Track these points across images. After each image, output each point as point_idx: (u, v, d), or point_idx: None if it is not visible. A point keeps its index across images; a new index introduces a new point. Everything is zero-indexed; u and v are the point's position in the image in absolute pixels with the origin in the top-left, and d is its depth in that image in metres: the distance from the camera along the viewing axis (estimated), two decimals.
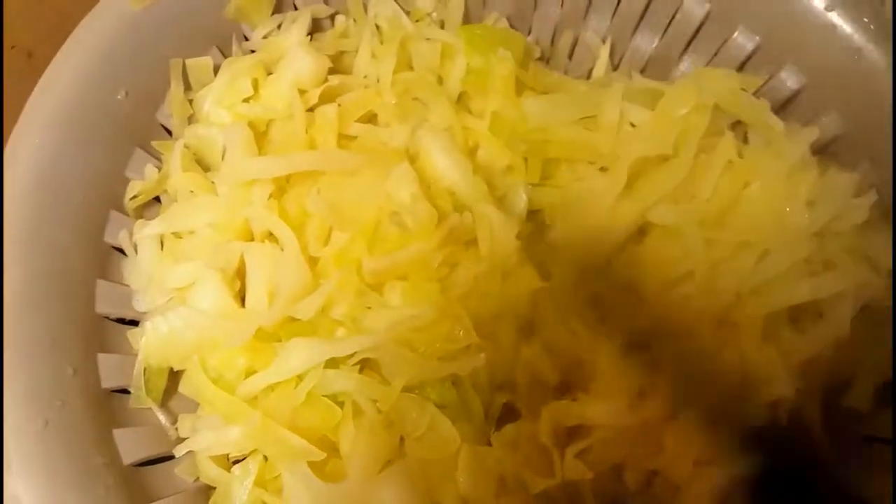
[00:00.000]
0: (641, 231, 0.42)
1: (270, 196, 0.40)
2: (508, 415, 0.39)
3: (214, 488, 0.37)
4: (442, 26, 0.49)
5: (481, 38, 0.46)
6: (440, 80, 0.47)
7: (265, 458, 0.36)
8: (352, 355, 0.36)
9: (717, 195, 0.41)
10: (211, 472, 0.37)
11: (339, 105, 0.44)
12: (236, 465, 0.36)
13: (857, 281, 0.39)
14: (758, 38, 0.45)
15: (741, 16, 0.45)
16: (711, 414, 0.37)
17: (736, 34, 0.46)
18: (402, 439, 0.37)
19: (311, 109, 0.43)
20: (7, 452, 0.31)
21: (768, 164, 0.41)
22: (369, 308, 0.40)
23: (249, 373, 0.38)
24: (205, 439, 0.36)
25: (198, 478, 0.37)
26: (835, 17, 0.42)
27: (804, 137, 0.41)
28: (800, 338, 0.40)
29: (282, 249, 0.39)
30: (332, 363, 0.36)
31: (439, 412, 0.37)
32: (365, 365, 0.37)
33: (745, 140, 0.44)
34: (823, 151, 0.43)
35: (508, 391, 0.40)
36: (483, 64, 0.46)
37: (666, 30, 0.49)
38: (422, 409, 0.37)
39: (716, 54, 0.47)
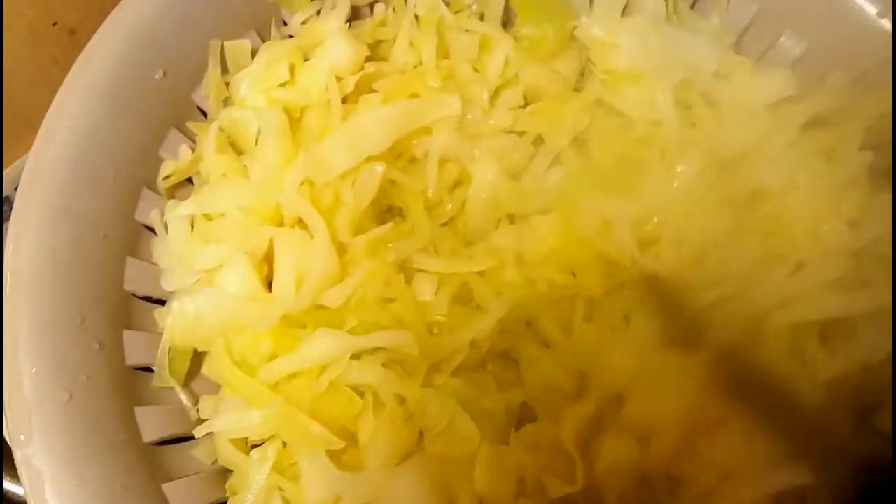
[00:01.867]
0: None
1: (302, 182, 0.40)
2: (528, 414, 0.39)
3: (231, 471, 0.37)
4: (481, 19, 0.49)
5: (534, 6, 0.46)
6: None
7: (284, 444, 0.36)
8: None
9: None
10: (229, 455, 0.37)
11: (378, 91, 0.43)
12: (255, 450, 0.36)
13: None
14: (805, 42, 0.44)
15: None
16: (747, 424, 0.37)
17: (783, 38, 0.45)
18: (421, 434, 0.37)
19: (345, 98, 0.43)
20: (30, 424, 0.31)
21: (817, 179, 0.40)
22: (394, 300, 0.40)
23: (272, 358, 0.38)
24: (225, 421, 0.36)
25: (216, 460, 0.38)
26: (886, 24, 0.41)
27: (860, 157, 0.40)
28: (828, 355, 0.38)
29: (311, 236, 0.39)
30: (356, 354, 0.36)
31: (460, 408, 0.36)
32: (389, 356, 0.37)
33: None
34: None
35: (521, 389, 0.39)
36: (535, 32, 0.46)
37: None
38: (443, 404, 0.37)
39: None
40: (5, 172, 0.56)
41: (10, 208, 0.58)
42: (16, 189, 0.58)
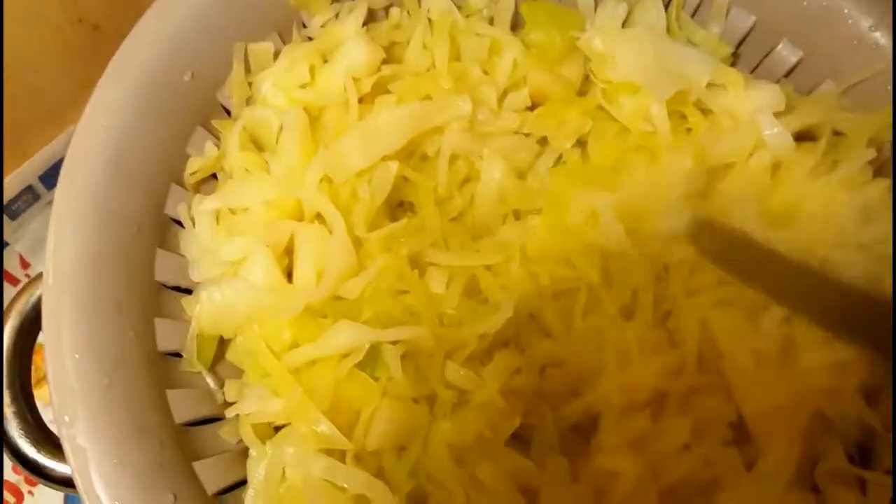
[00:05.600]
0: None
1: (322, 179, 0.43)
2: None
3: None
4: (491, 23, 0.51)
5: (542, 14, 0.49)
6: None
7: None
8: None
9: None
10: (249, 438, 0.39)
11: (393, 92, 0.46)
12: (279, 432, 0.39)
13: None
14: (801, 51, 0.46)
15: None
16: None
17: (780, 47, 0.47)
18: None
19: (361, 98, 0.46)
20: (74, 406, 0.34)
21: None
22: (407, 292, 0.42)
23: (293, 345, 0.40)
24: (250, 406, 0.38)
25: (240, 440, 0.40)
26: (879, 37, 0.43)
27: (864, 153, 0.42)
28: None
29: (330, 231, 0.42)
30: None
31: None
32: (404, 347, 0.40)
33: None
34: None
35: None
36: (543, 38, 0.48)
37: None
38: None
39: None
40: (28, 162, 0.58)
41: (33, 196, 0.61)
42: (39, 178, 0.60)
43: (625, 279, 0.43)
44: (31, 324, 0.40)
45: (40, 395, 0.48)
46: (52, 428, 0.38)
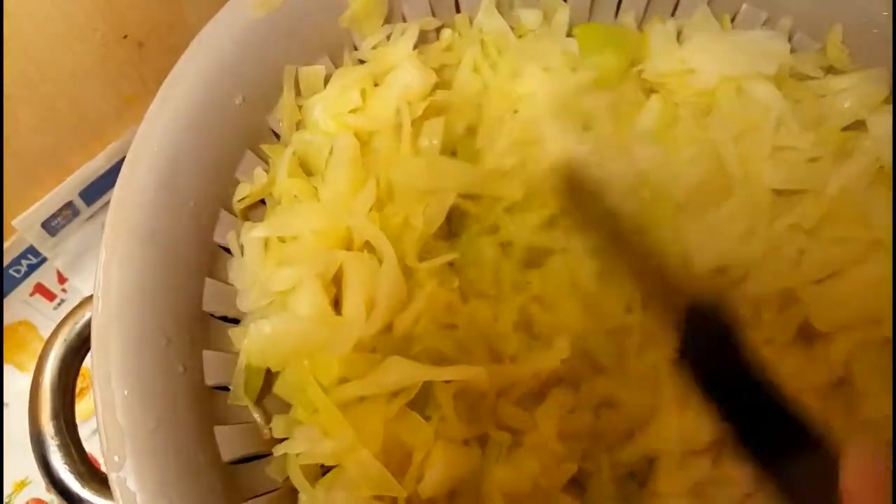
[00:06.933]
0: None
1: (371, 209, 0.41)
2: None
3: None
4: None
5: (597, 36, 0.48)
6: None
7: None
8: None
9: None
10: (297, 479, 0.38)
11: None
12: (326, 473, 0.38)
13: None
14: None
15: None
16: None
17: None
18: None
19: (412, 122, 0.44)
20: (123, 447, 0.33)
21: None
22: (457, 326, 0.41)
23: (342, 380, 0.39)
24: (299, 446, 0.37)
25: (287, 478, 0.39)
26: None
27: None
28: None
29: (380, 261, 0.40)
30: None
31: None
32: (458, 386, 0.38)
33: None
34: None
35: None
36: (600, 59, 0.47)
37: None
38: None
39: None
40: (70, 178, 0.58)
41: (73, 212, 0.60)
42: (79, 194, 0.60)
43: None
44: (76, 351, 0.39)
45: (82, 412, 0.48)
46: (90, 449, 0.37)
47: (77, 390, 0.54)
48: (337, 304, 0.41)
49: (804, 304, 0.42)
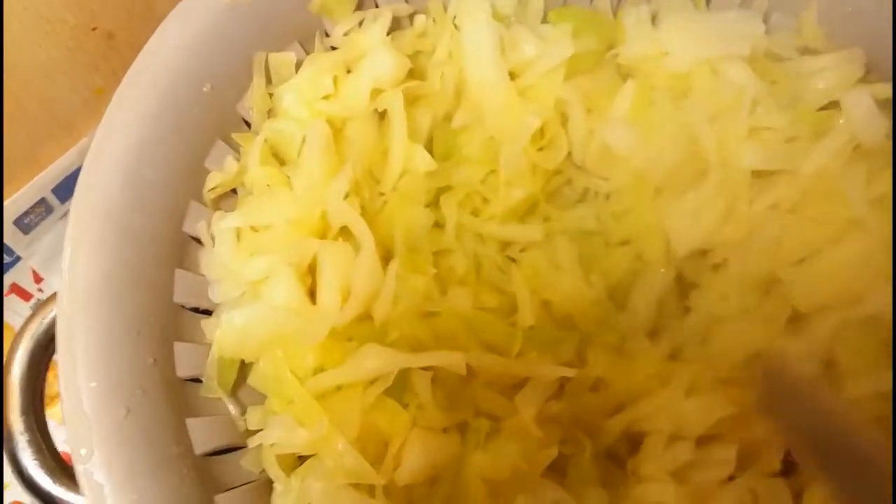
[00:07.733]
0: None
1: (347, 195, 0.41)
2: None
3: None
4: None
5: (572, 19, 0.47)
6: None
7: None
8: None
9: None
10: (273, 470, 0.37)
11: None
12: (303, 463, 0.37)
13: None
14: None
15: None
16: None
17: None
18: None
19: (383, 112, 0.44)
20: (90, 439, 0.32)
21: None
22: (436, 313, 0.40)
23: (317, 370, 0.38)
24: (274, 436, 0.37)
25: (263, 470, 0.38)
26: None
27: None
28: None
29: (357, 249, 0.40)
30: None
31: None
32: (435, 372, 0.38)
33: None
34: None
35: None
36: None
37: None
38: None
39: None
40: (41, 174, 0.57)
41: (46, 209, 0.59)
42: (52, 190, 0.59)
43: None
44: (45, 346, 0.38)
45: (53, 415, 0.47)
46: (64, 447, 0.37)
47: (54, 394, 0.53)
48: (313, 295, 0.41)
49: (786, 285, 0.41)
